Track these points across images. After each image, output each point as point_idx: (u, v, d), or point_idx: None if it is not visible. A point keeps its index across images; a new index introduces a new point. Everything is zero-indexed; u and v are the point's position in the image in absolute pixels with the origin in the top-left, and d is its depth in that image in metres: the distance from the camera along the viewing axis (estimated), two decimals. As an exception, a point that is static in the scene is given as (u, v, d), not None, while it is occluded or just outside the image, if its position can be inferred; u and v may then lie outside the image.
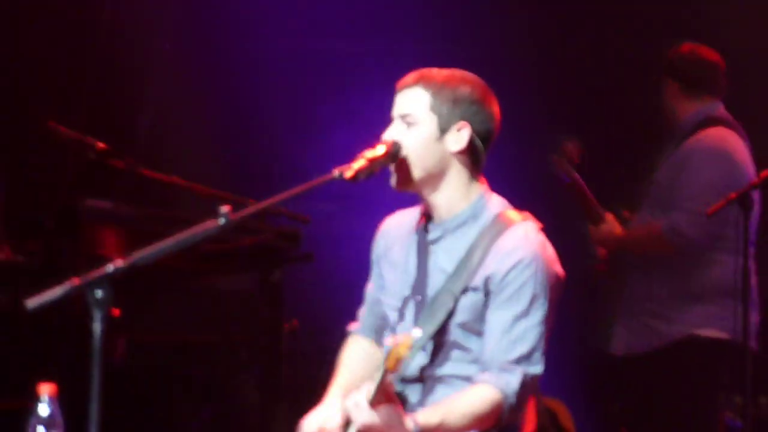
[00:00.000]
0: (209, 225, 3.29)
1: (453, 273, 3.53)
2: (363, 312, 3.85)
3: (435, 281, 3.56)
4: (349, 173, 3.40)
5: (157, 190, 5.84)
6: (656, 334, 5.55)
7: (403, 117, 3.54)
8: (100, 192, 5.71)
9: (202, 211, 5.41)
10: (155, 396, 5.68)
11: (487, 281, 3.52)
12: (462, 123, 3.55)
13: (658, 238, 5.48)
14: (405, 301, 3.61)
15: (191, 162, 6.28)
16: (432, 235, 3.61)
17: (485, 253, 3.52)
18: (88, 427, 3.01)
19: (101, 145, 5.69)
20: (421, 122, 3.53)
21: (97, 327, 3.10)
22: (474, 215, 3.58)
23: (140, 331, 5.50)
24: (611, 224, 5.72)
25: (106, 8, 6.62)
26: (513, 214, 3.61)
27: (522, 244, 3.53)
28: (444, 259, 3.58)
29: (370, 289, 3.82)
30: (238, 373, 5.48)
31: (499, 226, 3.56)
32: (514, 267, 3.50)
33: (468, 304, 3.53)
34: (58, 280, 3.16)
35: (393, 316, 3.65)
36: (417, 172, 3.54)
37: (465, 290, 3.52)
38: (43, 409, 3.10)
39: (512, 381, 3.49)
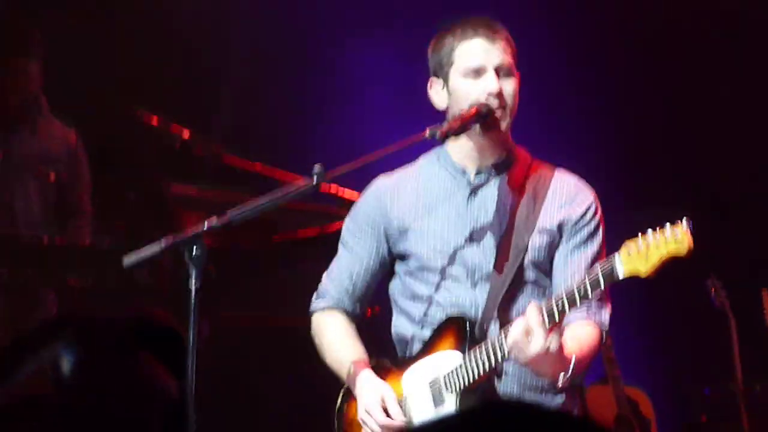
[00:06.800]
0: (303, 183, 3.33)
1: (511, 214, 3.57)
2: (335, 284, 3.77)
3: (492, 223, 3.59)
4: (440, 132, 3.43)
5: (240, 176, 5.89)
6: None
7: (500, 68, 3.56)
8: (185, 177, 5.79)
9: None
10: (238, 378, 5.74)
11: (561, 225, 3.58)
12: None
13: None
14: (457, 247, 3.60)
15: (274, 148, 6.32)
16: (477, 180, 3.63)
17: (546, 195, 3.59)
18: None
19: (187, 133, 5.78)
20: (515, 72, 3.58)
21: (193, 283, 3.15)
22: (513, 157, 3.64)
23: (224, 313, 5.56)
24: None
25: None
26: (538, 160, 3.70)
27: (584, 188, 3.63)
28: (494, 201, 3.61)
29: (356, 258, 3.74)
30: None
31: (544, 169, 3.64)
32: (587, 211, 3.59)
33: (539, 244, 3.57)
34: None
35: (438, 264, 3.60)
36: (509, 120, 3.56)
37: (533, 231, 3.56)
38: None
39: (605, 316, 3.56)
